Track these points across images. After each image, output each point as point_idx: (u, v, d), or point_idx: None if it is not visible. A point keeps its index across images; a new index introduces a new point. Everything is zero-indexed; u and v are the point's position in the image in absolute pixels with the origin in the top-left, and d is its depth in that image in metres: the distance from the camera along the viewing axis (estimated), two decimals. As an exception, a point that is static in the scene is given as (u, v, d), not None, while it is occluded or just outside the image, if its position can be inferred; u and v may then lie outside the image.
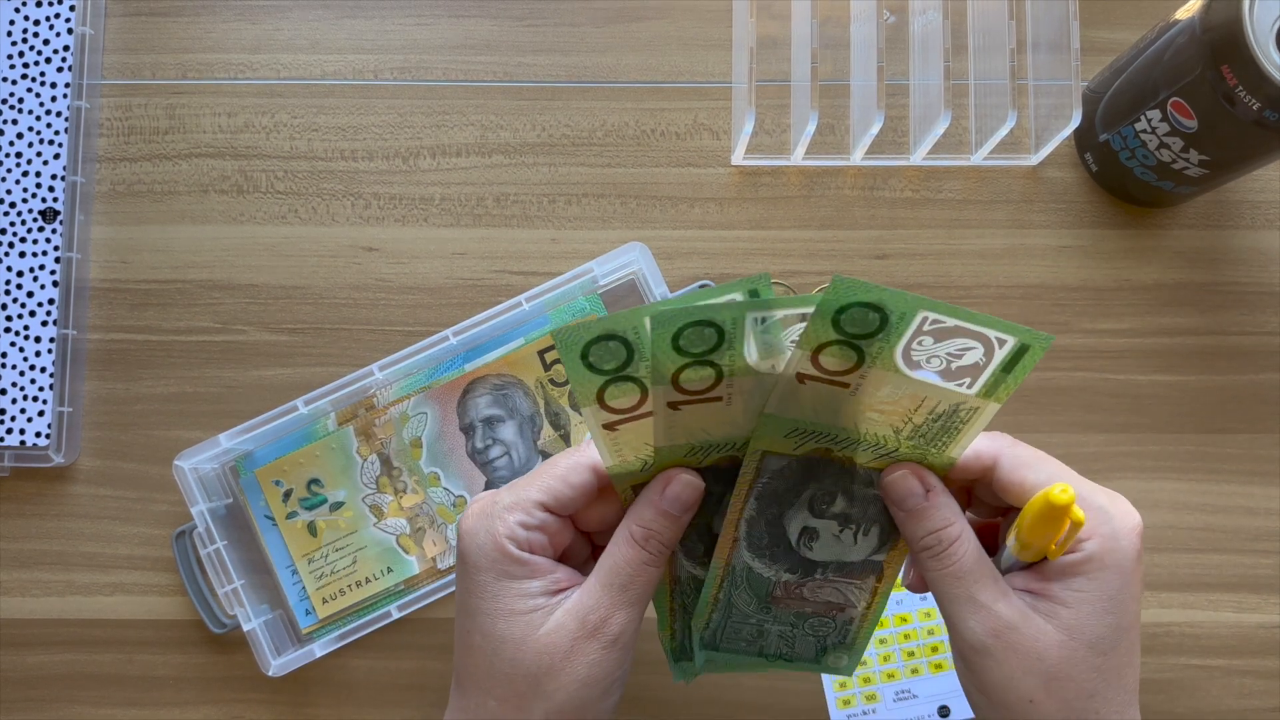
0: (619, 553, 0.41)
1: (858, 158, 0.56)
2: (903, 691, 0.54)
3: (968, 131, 0.57)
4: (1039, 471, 0.40)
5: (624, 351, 0.38)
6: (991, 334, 0.39)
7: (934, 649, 0.54)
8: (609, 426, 0.39)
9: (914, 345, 0.40)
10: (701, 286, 0.55)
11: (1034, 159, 0.57)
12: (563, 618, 0.40)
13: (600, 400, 0.38)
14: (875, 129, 0.52)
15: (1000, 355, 0.39)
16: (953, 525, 0.40)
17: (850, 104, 0.57)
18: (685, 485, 0.41)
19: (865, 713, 0.54)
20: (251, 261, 0.57)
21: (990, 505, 0.42)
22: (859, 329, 0.38)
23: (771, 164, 0.57)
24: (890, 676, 0.54)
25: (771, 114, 0.57)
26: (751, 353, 0.39)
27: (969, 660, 0.40)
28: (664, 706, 0.54)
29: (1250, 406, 0.56)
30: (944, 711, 0.54)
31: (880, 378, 0.40)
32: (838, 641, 0.47)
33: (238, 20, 0.58)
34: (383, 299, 0.56)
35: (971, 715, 0.54)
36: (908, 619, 0.54)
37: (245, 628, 0.52)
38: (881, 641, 0.54)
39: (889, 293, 0.37)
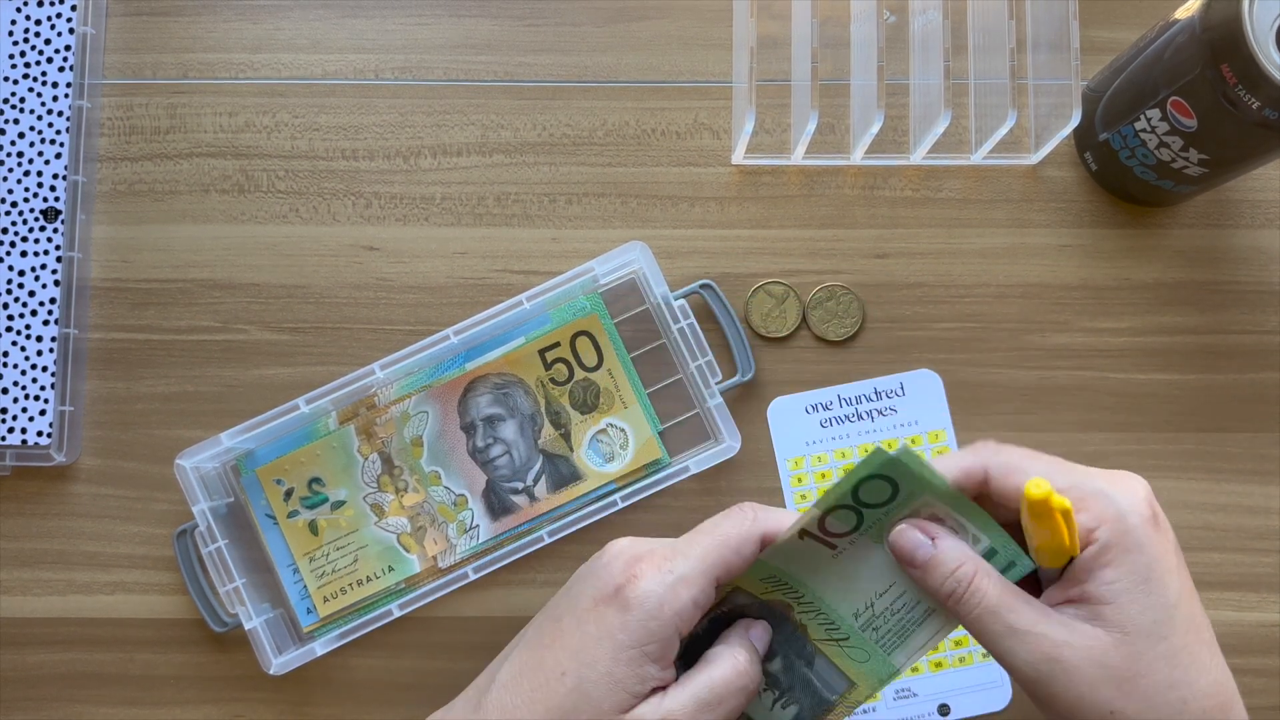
0: (719, 671, 0.41)
1: (858, 157, 0.56)
2: (903, 690, 0.54)
3: (968, 131, 0.57)
4: (1027, 473, 0.39)
5: (888, 494, 0.39)
6: (973, 529, 0.40)
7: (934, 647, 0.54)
8: (802, 535, 0.41)
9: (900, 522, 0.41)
10: (704, 287, 0.56)
11: (1034, 158, 0.57)
12: (648, 711, 0.40)
13: (826, 514, 0.40)
14: (875, 128, 0.52)
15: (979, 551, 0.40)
16: (965, 564, 0.39)
17: (850, 103, 0.57)
18: (766, 630, 0.43)
19: (865, 710, 0.54)
20: (252, 261, 0.57)
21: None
22: (871, 499, 0.40)
23: (772, 163, 0.57)
24: (891, 675, 0.54)
25: (772, 113, 0.57)
26: (891, 526, 0.41)
27: (1035, 692, 0.38)
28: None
29: (1250, 405, 0.56)
30: (944, 710, 0.54)
31: (866, 549, 0.41)
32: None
33: (239, 20, 0.58)
34: (384, 298, 0.57)
35: (969, 715, 0.54)
36: (908, 617, 0.54)
37: (246, 626, 0.52)
38: (882, 640, 0.54)
39: (921, 477, 0.39)
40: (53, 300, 0.55)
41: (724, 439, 0.54)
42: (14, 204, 0.55)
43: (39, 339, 0.55)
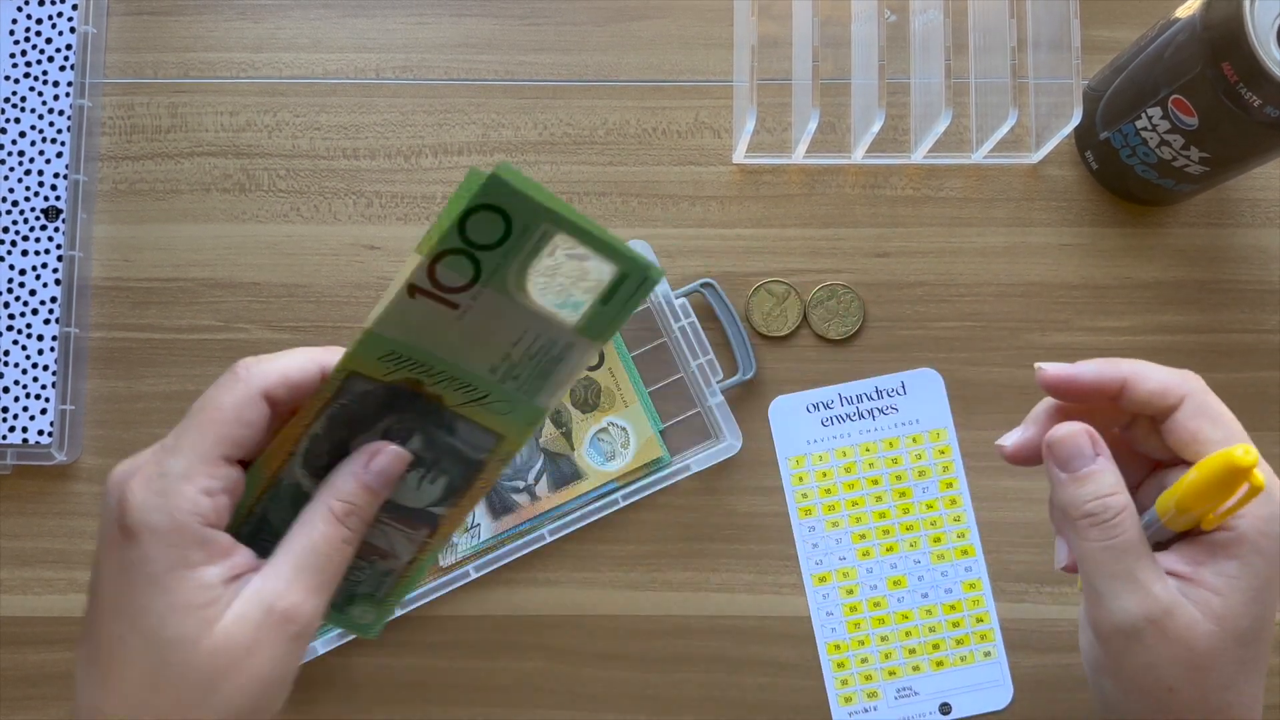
0: (316, 531, 0.36)
1: (859, 156, 0.56)
2: (904, 689, 0.54)
3: (968, 130, 0.57)
4: (1221, 427, 0.37)
5: (501, 229, 0.34)
6: (600, 258, 0.36)
7: (935, 646, 0.54)
8: (411, 292, 0.36)
9: (537, 268, 0.37)
10: (705, 285, 0.56)
11: (1035, 157, 0.57)
12: (244, 607, 0.35)
13: (435, 260, 0.35)
14: (876, 127, 0.52)
15: (603, 282, 0.36)
16: (1119, 494, 0.37)
17: (851, 102, 0.57)
18: (394, 458, 0.37)
19: (866, 710, 0.54)
20: (253, 260, 0.57)
21: (1138, 460, 0.40)
22: (482, 238, 0.35)
23: (773, 162, 0.57)
24: (891, 674, 0.54)
25: (773, 112, 0.58)
26: (516, 273, 0.36)
27: (1111, 642, 0.37)
28: (666, 704, 0.54)
29: (1251, 404, 0.56)
30: (945, 709, 0.54)
31: (492, 302, 0.37)
32: (368, 592, 0.43)
33: (240, 19, 0.58)
34: (384, 297, 0.56)
35: (970, 714, 0.54)
36: (909, 616, 0.54)
37: (247, 625, 0.52)
38: (883, 639, 0.54)
39: (528, 196, 0.34)
40: (54, 299, 0.55)
41: (725, 438, 0.54)
42: (15, 203, 0.55)
43: (40, 338, 0.55)
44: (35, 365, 0.55)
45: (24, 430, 0.54)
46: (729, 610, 0.55)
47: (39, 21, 0.57)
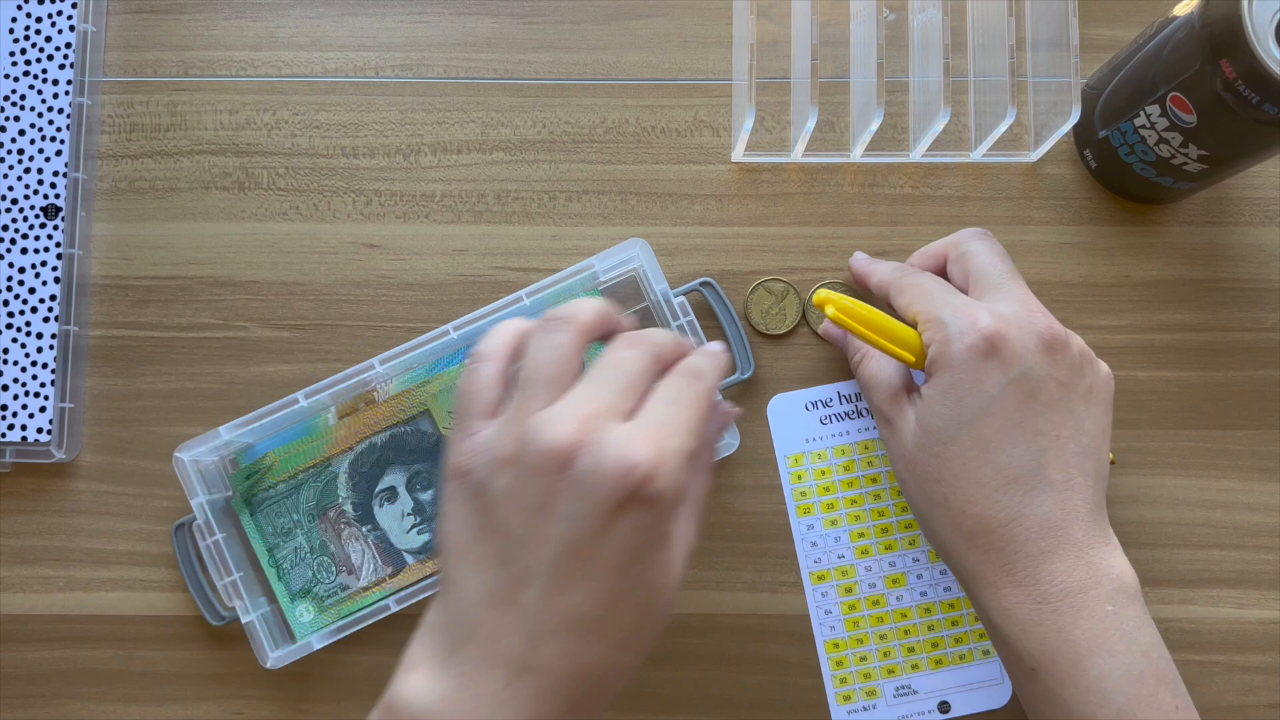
0: (704, 486, 0.43)
1: (858, 154, 0.56)
2: (902, 687, 0.54)
3: (967, 128, 0.57)
4: (911, 296, 0.48)
5: None
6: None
7: (934, 645, 0.54)
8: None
9: None
10: (704, 284, 0.56)
11: (1033, 155, 0.57)
12: (683, 551, 0.40)
13: None
14: (875, 126, 0.52)
15: None
16: (858, 352, 0.52)
17: (850, 101, 0.57)
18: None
19: (865, 708, 0.54)
20: (253, 258, 0.57)
21: None
22: None
23: (772, 161, 0.57)
24: (890, 672, 0.54)
25: (772, 111, 0.58)
26: None
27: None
28: (664, 703, 0.54)
29: (1250, 403, 0.56)
30: (944, 707, 0.54)
31: None
32: (321, 594, 0.53)
33: (239, 18, 0.58)
34: (384, 295, 0.57)
35: (969, 712, 0.54)
36: (908, 614, 0.54)
37: (244, 620, 0.52)
38: (882, 637, 0.54)
39: None
40: (53, 297, 0.55)
41: (723, 437, 0.54)
42: (14, 201, 0.56)
43: (39, 336, 0.55)
44: (34, 363, 0.55)
45: (23, 428, 0.54)
46: (727, 609, 0.55)
47: (39, 20, 0.57)
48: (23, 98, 0.56)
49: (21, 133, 0.56)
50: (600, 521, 0.37)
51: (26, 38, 0.56)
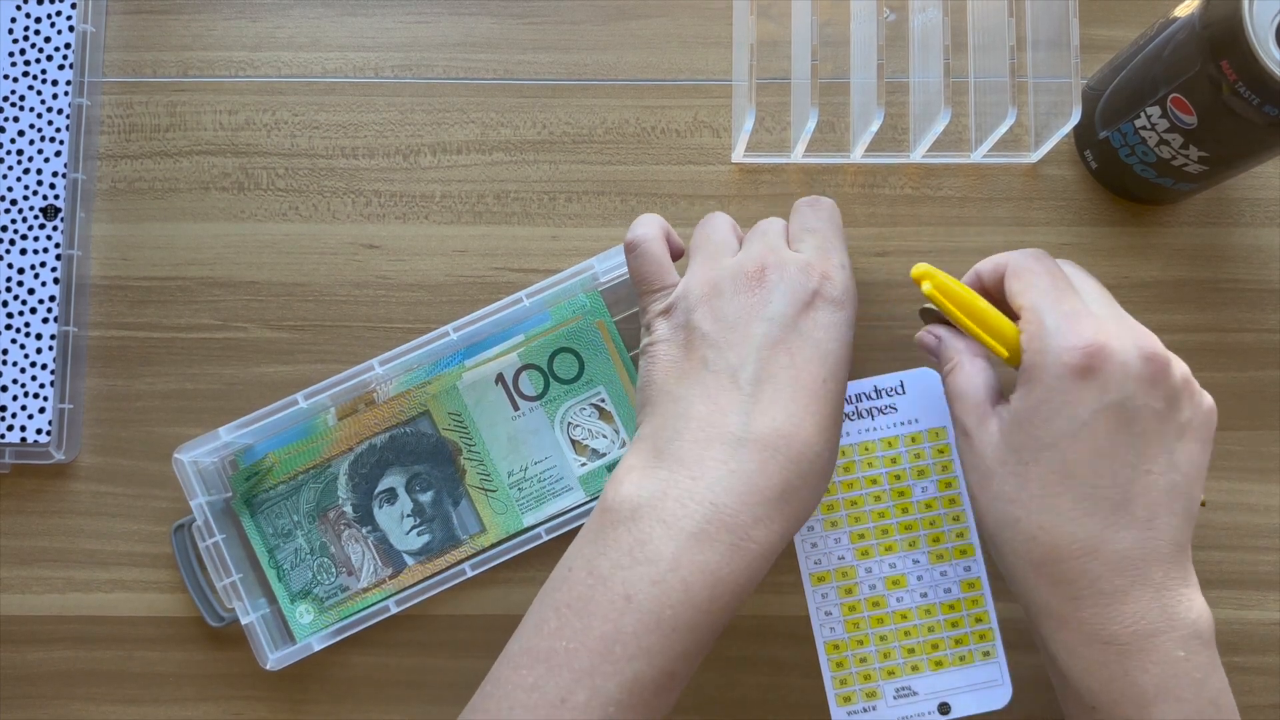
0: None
1: (858, 155, 0.56)
2: (903, 688, 0.54)
3: (967, 129, 0.57)
4: (1026, 280, 0.45)
5: (576, 371, 0.55)
6: (625, 435, 0.51)
7: (934, 646, 0.54)
8: (498, 380, 0.54)
9: (576, 410, 0.53)
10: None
11: (1034, 156, 0.57)
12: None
13: (524, 368, 0.55)
14: (875, 126, 0.52)
15: (610, 458, 0.52)
16: (949, 361, 0.48)
17: (850, 101, 0.57)
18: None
19: (865, 710, 0.54)
20: (252, 259, 0.57)
21: None
22: (562, 372, 0.53)
23: (772, 161, 0.57)
24: (890, 674, 0.54)
25: (772, 112, 0.58)
26: (564, 409, 0.54)
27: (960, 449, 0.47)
28: (664, 704, 0.54)
29: (1250, 404, 0.56)
30: (944, 709, 0.54)
31: (539, 421, 0.52)
32: (320, 595, 0.53)
33: (239, 18, 0.58)
34: (383, 296, 0.56)
35: (969, 713, 0.54)
36: (908, 615, 0.54)
37: (243, 621, 0.52)
38: (882, 638, 0.54)
39: (601, 346, 0.52)
40: (52, 298, 0.55)
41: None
42: (14, 201, 0.55)
43: (38, 336, 0.55)
44: (34, 364, 0.55)
45: (22, 429, 0.54)
46: (727, 610, 0.55)
47: (38, 20, 0.57)
48: (22, 98, 0.56)
49: (21, 133, 0.56)
50: (794, 316, 0.44)
51: (26, 38, 0.56)
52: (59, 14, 0.57)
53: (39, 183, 0.56)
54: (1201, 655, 0.41)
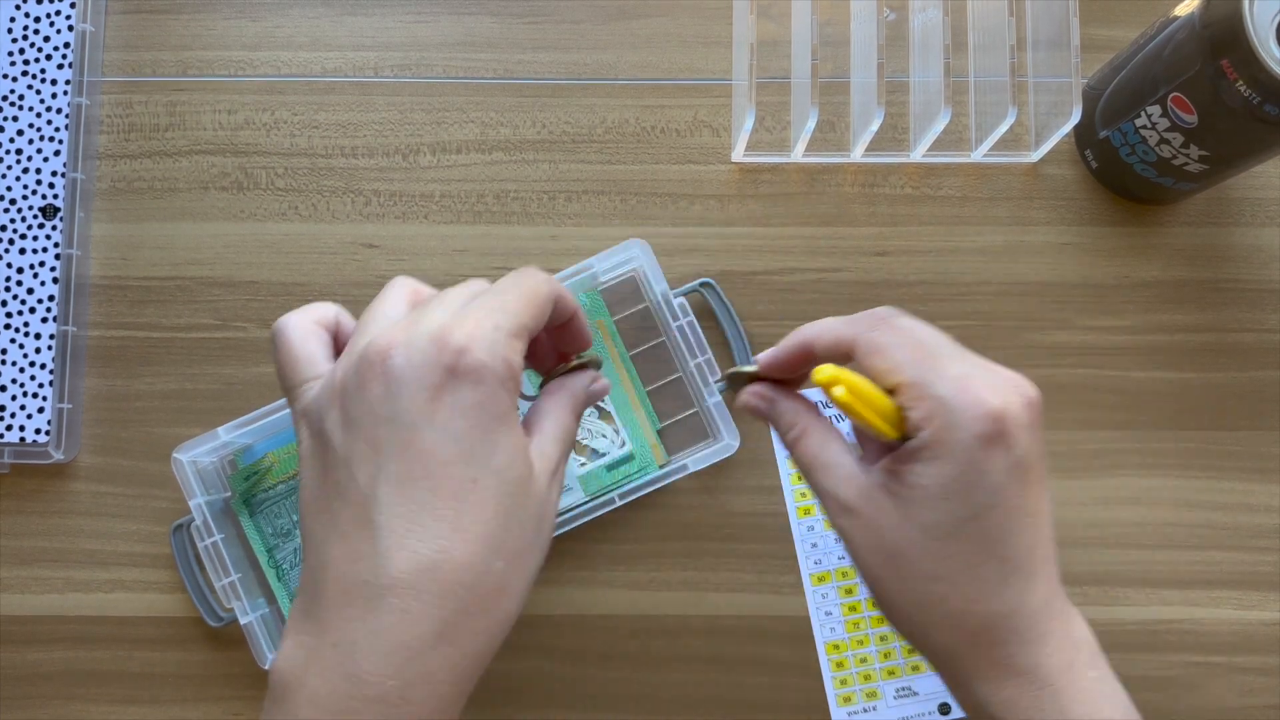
0: (565, 417, 0.41)
1: (858, 154, 0.56)
2: (903, 689, 0.54)
3: (968, 128, 0.57)
4: (889, 357, 0.40)
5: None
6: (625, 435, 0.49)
7: (934, 646, 0.54)
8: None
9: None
10: (704, 285, 0.55)
11: (1034, 156, 0.57)
12: (540, 463, 0.38)
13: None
14: (875, 126, 0.52)
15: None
16: (794, 427, 0.43)
17: (850, 101, 0.57)
18: (607, 387, 0.43)
19: (866, 710, 0.54)
20: (252, 258, 0.57)
21: None
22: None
23: (772, 161, 0.57)
24: (891, 674, 0.54)
25: (772, 111, 0.57)
26: None
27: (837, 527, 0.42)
28: (665, 704, 0.54)
29: (1251, 403, 0.56)
30: (944, 709, 0.54)
31: None
32: None
33: (238, 17, 0.58)
34: (383, 296, 0.56)
35: (972, 713, 0.54)
36: (908, 616, 0.54)
37: (242, 621, 0.52)
38: (882, 639, 0.54)
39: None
40: (51, 298, 0.55)
41: (723, 437, 0.54)
42: (13, 201, 0.55)
43: (38, 336, 0.55)
44: (33, 364, 0.55)
45: (21, 429, 0.54)
46: (728, 610, 0.55)
47: (37, 20, 0.56)
48: (21, 98, 0.56)
49: (20, 133, 0.56)
50: (425, 408, 0.35)
51: (25, 37, 0.56)
52: (58, 13, 0.57)
53: (38, 182, 0.55)
54: (1103, 668, 0.41)
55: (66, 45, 0.56)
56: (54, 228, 0.55)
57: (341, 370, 0.37)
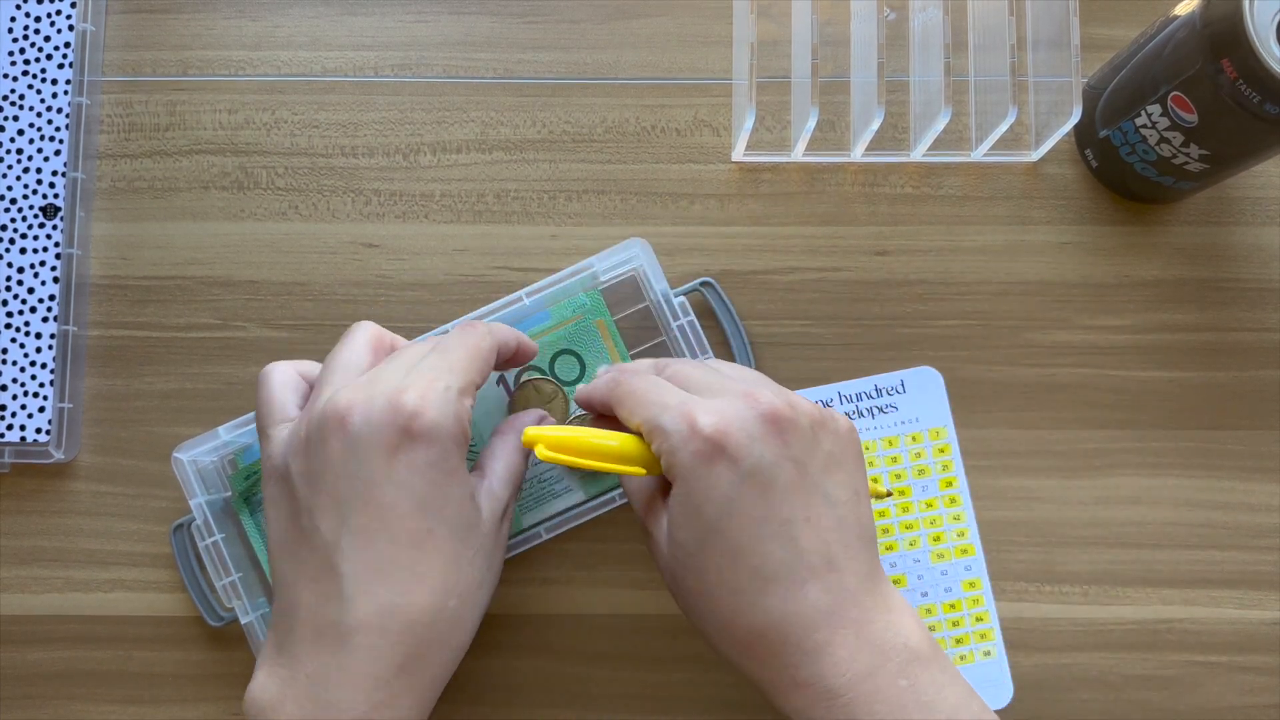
0: (513, 457, 0.46)
1: (858, 154, 0.56)
2: (903, 688, 0.54)
3: (968, 128, 0.57)
4: (625, 405, 0.44)
5: (577, 372, 0.55)
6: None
7: (935, 645, 0.54)
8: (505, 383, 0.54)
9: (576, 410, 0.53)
10: (704, 284, 0.55)
11: (1034, 155, 0.57)
12: (489, 504, 0.43)
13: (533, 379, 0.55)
14: (875, 125, 0.52)
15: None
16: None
17: (850, 100, 0.57)
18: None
19: (866, 709, 0.54)
20: (252, 258, 0.57)
21: None
22: (564, 374, 0.54)
23: (772, 160, 0.57)
24: (891, 673, 0.54)
25: (772, 110, 0.57)
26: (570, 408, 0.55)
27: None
28: (666, 704, 0.54)
29: (1251, 403, 0.56)
30: (945, 708, 0.54)
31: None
32: None
33: (238, 17, 0.58)
34: (383, 295, 0.56)
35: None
36: (908, 615, 0.54)
37: (243, 620, 0.52)
38: (882, 638, 0.54)
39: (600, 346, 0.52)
40: (52, 297, 0.55)
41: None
42: (13, 201, 0.55)
43: (38, 336, 0.55)
44: (33, 363, 0.55)
45: (22, 428, 0.54)
46: (728, 609, 0.55)
47: (37, 19, 0.57)
48: (21, 97, 0.56)
49: (20, 132, 0.56)
50: (382, 466, 0.40)
51: (25, 37, 0.56)
52: (59, 13, 0.57)
53: (39, 182, 0.56)
54: (925, 676, 0.41)
55: (67, 45, 0.56)
56: (54, 227, 0.55)
57: (305, 425, 0.42)
